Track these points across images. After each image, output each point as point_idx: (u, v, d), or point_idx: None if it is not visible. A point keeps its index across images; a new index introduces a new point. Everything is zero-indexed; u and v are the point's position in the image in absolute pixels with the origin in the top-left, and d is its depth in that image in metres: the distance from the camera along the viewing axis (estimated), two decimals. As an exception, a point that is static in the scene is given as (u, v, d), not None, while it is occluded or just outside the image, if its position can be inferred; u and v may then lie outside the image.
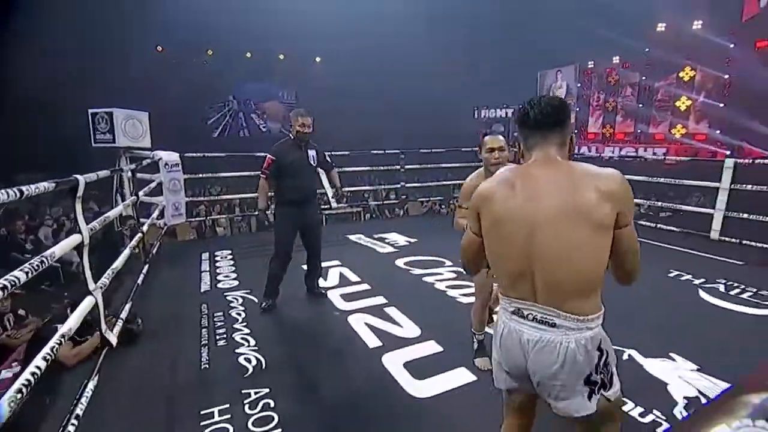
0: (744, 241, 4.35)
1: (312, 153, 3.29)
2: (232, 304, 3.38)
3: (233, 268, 4.34)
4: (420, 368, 2.42)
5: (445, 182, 8.18)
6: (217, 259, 4.70)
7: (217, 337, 2.84)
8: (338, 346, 2.73)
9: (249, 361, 2.54)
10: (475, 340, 2.55)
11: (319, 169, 3.54)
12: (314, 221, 3.41)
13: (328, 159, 3.52)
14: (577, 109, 13.32)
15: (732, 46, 9.33)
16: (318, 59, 15.44)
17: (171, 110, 11.78)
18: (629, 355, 2.51)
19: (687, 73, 10.85)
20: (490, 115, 14.62)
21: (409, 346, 2.68)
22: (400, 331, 2.91)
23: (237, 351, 2.65)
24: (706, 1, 9.80)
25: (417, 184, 8.07)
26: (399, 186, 7.26)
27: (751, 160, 4.66)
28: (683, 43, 10.37)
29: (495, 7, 12.78)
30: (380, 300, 3.40)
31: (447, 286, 3.74)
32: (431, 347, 2.66)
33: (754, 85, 8.09)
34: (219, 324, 3.04)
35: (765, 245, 4.30)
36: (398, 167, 7.05)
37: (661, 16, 10.90)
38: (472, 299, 3.48)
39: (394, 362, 2.49)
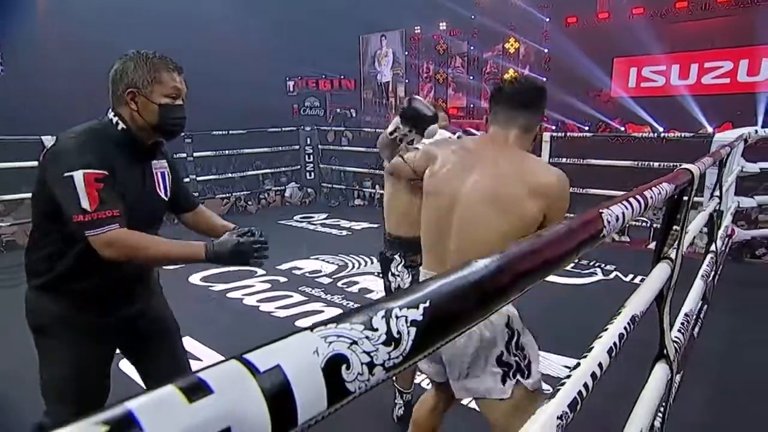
0: (566, 215, 5.52)
1: (161, 169, 1.71)
2: None
3: None
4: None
5: (252, 172, 8.15)
6: None
7: None
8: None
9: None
10: (398, 401, 2.40)
11: None
12: (160, 318, 1.82)
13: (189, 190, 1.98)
14: (407, 81, 14.71)
15: (548, 20, 11.59)
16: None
17: None
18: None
19: (512, 45, 13.06)
20: (312, 85, 14.97)
21: (210, 381, 2.67)
22: (199, 366, 2.86)
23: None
24: (521, -32, 11.92)
25: (214, 176, 7.88)
26: (189, 180, 6.96)
27: (564, 134, 5.92)
28: (506, 13, 12.43)
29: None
30: (168, 330, 3.28)
31: (258, 300, 3.82)
32: (239, 377, 2.69)
33: (567, 61, 10.23)
34: None
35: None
36: (185, 155, 6.77)
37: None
38: (291, 311, 3.68)
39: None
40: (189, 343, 3.12)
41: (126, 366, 2.85)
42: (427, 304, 0.43)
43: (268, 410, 0.29)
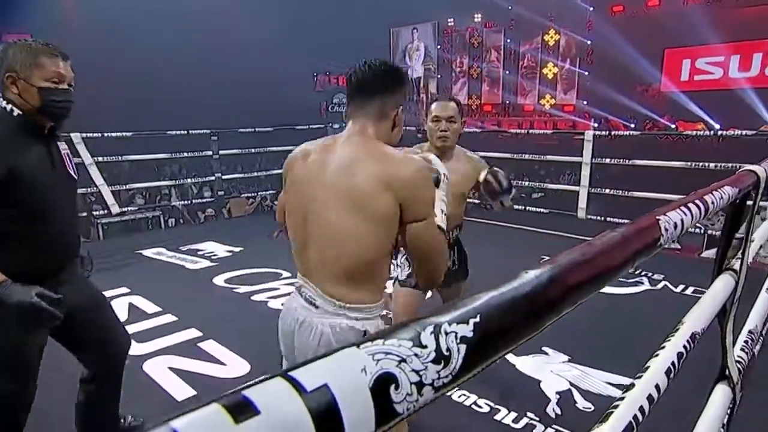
0: (608, 218, 5.41)
1: (65, 150, 1.89)
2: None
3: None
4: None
5: (278, 171, 8.23)
6: None
7: None
8: (128, 407, 2.58)
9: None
10: None
11: None
12: (88, 302, 1.94)
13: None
14: (439, 76, 14.64)
15: (591, 9, 11.38)
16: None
17: None
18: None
19: (552, 37, 12.87)
20: (333, 82, 15.07)
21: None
22: (223, 370, 2.91)
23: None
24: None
25: (240, 174, 7.99)
26: (214, 179, 7.08)
27: (608, 132, 5.80)
28: (545, 2, 12.26)
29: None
30: (191, 333, 3.34)
31: (283, 304, 3.83)
32: (265, 384, 2.72)
33: (612, 53, 10.03)
34: None
35: (627, 221, 5.42)
36: (210, 153, 6.88)
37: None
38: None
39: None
40: (212, 346, 3.17)
41: (149, 368, 2.92)
42: (478, 319, 0.42)
43: (315, 433, 0.29)
